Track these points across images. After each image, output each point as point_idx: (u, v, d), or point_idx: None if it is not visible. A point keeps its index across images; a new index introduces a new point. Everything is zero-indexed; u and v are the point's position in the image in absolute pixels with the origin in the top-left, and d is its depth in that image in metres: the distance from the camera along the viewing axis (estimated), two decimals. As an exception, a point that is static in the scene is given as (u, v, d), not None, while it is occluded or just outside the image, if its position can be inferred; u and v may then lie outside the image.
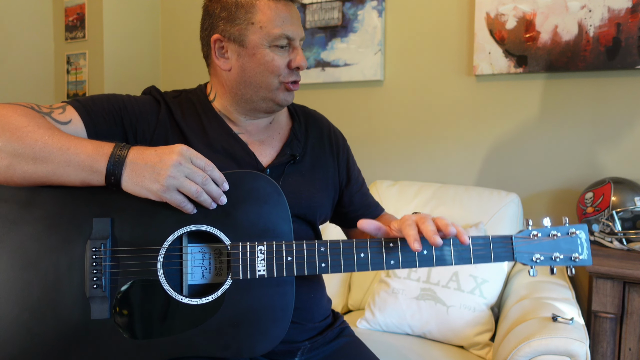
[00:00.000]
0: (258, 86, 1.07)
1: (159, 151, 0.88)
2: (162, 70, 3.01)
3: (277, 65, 1.05)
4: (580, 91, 1.96)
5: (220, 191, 0.91)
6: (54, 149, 0.86)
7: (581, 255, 0.96)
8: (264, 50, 1.05)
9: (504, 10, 2.03)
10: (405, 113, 2.30)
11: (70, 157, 0.86)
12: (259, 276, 0.92)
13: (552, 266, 0.97)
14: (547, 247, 0.96)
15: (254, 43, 1.04)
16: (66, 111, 0.96)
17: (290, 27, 1.05)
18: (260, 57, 1.05)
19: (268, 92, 1.08)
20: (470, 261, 0.94)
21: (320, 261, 0.94)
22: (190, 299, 0.91)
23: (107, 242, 0.89)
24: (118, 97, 1.05)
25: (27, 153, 0.85)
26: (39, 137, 0.86)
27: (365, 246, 0.95)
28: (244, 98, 1.09)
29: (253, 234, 0.94)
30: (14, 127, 0.86)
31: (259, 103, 1.10)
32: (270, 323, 0.93)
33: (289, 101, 1.11)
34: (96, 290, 0.89)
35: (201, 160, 0.90)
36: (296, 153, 1.12)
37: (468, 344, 1.61)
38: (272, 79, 1.06)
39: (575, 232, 0.96)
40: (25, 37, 2.80)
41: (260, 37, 1.04)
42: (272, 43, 1.04)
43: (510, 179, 2.10)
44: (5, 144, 0.85)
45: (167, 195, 0.86)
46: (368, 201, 1.28)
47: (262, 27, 1.04)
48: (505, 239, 0.96)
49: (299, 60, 1.06)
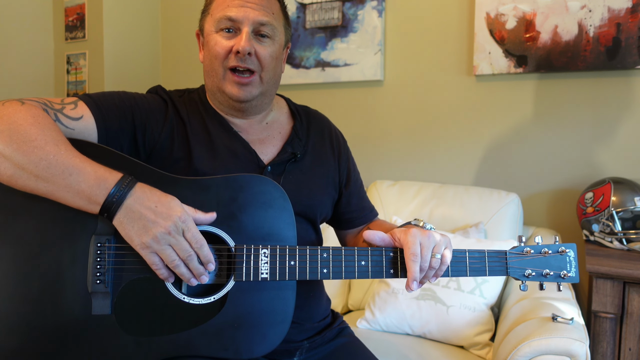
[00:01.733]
0: (211, 75, 1.08)
1: (158, 208, 0.86)
2: (162, 70, 3.01)
3: (218, 49, 1.04)
4: (580, 91, 1.96)
5: (203, 270, 0.90)
6: (57, 172, 0.84)
7: (569, 272, 1.01)
8: (212, 36, 1.06)
9: (504, 10, 2.03)
10: (405, 113, 2.30)
11: (71, 183, 0.84)
12: (261, 279, 0.93)
13: (541, 282, 1.02)
14: (539, 263, 1.01)
15: (207, 31, 1.07)
16: (78, 107, 0.96)
17: (234, 9, 1.03)
18: (209, 43, 1.07)
19: (218, 82, 1.07)
20: (466, 274, 0.99)
21: (322, 267, 0.95)
22: (193, 299, 0.91)
23: (112, 239, 0.90)
24: (129, 94, 1.06)
25: (30, 169, 0.84)
26: (44, 155, 0.84)
27: (366, 254, 0.97)
28: (210, 90, 1.11)
29: (257, 237, 0.94)
30: (23, 139, 0.84)
31: (218, 96, 1.09)
32: (269, 326, 0.94)
33: (241, 96, 1.05)
34: (99, 286, 0.89)
35: (193, 235, 0.88)
36: (297, 151, 1.13)
37: (468, 344, 1.61)
38: (217, 65, 1.05)
39: (565, 250, 1.01)
40: (25, 37, 2.80)
41: (210, 23, 1.07)
42: (218, 27, 1.05)
43: (510, 179, 2.10)
44: (13, 154, 0.84)
45: (144, 252, 0.86)
46: (364, 204, 1.28)
47: (211, 14, 1.06)
48: (500, 253, 1.01)
49: (239, 44, 1.02)
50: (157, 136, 1.04)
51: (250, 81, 1.05)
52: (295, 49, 2.47)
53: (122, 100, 1.03)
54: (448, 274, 0.99)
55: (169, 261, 0.87)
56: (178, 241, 0.86)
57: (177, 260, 0.87)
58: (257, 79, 1.06)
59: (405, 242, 0.95)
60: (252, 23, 1.03)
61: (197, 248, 0.88)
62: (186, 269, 0.88)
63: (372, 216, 1.29)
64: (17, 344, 0.87)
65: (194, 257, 0.88)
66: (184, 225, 0.87)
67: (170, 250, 0.86)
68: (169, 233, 0.85)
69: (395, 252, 0.98)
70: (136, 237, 0.86)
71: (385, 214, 2.01)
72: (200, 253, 0.89)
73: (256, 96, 1.08)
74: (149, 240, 0.85)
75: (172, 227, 0.85)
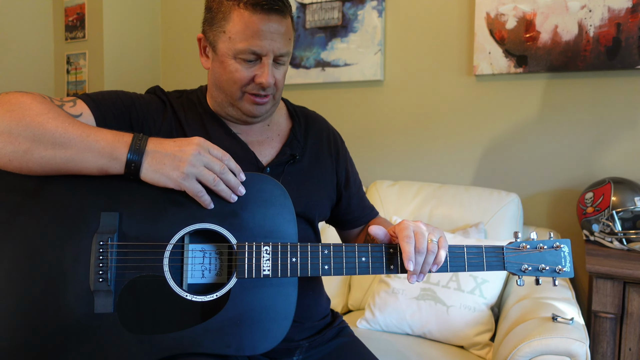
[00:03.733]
0: (225, 93, 1.07)
1: (177, 142, 0.90)
2: (162, 70, 3.01)
3: (239, 77, 1.03)
4: (580, 91, 1.96)
5: (238, 181, 0.93)
6: (75, 135, 0.86)
7: (564, 267, 1.03)
8: (229, 60, 1.03)
9: (504, 10, 2.03)
10: (405, 113, 2.30)
11: (90, 144, 0.87)
12: (263, 276, 0.94)
13: (537, 277, 1.04)
14: (535, 258, 1.03)
15: (222, 52, 1.03)
16: (77, 105, 0.97)
17: (259, 42, 1.00)
18: (226, 65, 1.04)
19: (233, 101, 1.07)
20: (465, 269, 1.01)
21: (324, 263, 0.96)
22: (195, 296, 0.91)
23: (114, 237, 0.90)
24: (127, 94, 1.07)
25: (47, 138, 0.85)
26: (60, 123, 0.87)
27: (366, 250, 0.98)
28: (217, 101, 1.10)
29: (259, 234, 0.95)
30: (34, 113, 0.87)
31: (229, 109, 1.10)
32: (272, 323, 0.94)
33: (256, 113, 1.08)
34: (101, 284, 0.89)
35: (218, 151, 0.92)
36: (296, 153, 1.13)
37: (468, 344, 1.61)
38: (235, 89, 1.05)
39: (560, 245, 1.04)
40: (25, 37, 2.80)
41: (227, 47, 1.02)
42: (237, 56, 1.02)
43: (510, 179, 2.10)
44: (25, 129, 0.85)
45: (186, 182, 0.88)
46: (364, 204, 1.29)
47: (230, 37, 1.01)
48: (497, 249, 1.02)
49: (262, 78, 1.02)
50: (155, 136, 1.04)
51: (267, 101, 1.08)
52: (295, 49, 2.47)
53: (120, 100, 1.04)
54: (447, 268, 1.00)
55: (209, 181, 0.89)
56: (209, 159, 0.90)
57: (216, 177, 0.90)
58: (271, 98, 1.09)
59: (399, 230, 0.97)
60: (274, 55, 1.03)
61: (227, 160, 0.92)
62: (224, 185, 0.91)
63: (372, 215, 1.30)
64: (20, 342, 0.87)
65: (226, 170, 0.91)
66: (207, 144, 0.91)
67: (206, 170, 0.89)
68: (199, 153, 0.88)
69: (395, 248, 0.99)
70: (172, 171, 0.87)
71: (385, 214, 2.01)
72: (230, 164, 0.93)
73: (268, 112, 1.11)
74: (186, 167, 0.87)
75: (199, 148, 0.89)
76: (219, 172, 0.90)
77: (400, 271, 0.98)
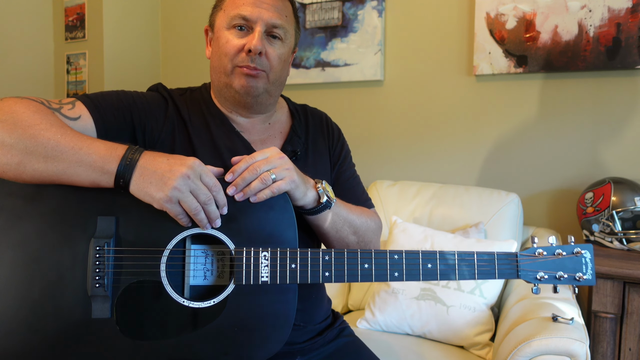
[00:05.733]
0: (219, 71, 1.07)
1: (171, 160, 0.87)
2: (162, 70, 3.01)
3: (229, 47, 1.03)
4: (580, 91, 1.96)
5: (218, 214, 0.90)
6: (66, 148, 0.85)
7: (585, 275, 0.96)
8: (223, 32, 1.05)
9: (504, 10, 2.03)
10: (405, 113, 2.30)
11: (82, 157, 0.85)
12: (262, 282, 0.92)
13: (555, 285, 0.98)
14: (552, 265, 0.96)
15: (218, 26, 1.07)
16: (75, 107, 0.96)
17: (249, 7, 1.02)
18: (220, 39, 1.06)
19: (225, 77, 1.06)
20: (475, 277, 0.95)
21: (324, 270, 0.93)
22: (192, 302, 0.91)
23: (111, 241, 0.89)
24: (127, 94, 1.06)
25: (39, 151, 0.84)
26: (52, 135, 0.85)
27: (369, 257, 0.94)
28: (216, 87, 1.11)
29: (258, 239, 0.93)
30: (26, 125, 0.85)
31: (224, 92, 1.09)
32: (271, 330, 0.93)
33: (248, 88, 1.05)
34: (98, 289, 0.88)
35: (210, 179, 0.88)
36: (297, 149, 1.13)
37: (468, 344, 1.61)
38: (226, 62, 1.05)
39: (581, 251, 0.96)
40: (25, 37, 2.80)
41: (222, 19, 1.06)
42: (230, 24, 1.04)
43: (510, 179, 2.10)
44: (18, 141, 0.84)
45: (168, 205, 0.86)
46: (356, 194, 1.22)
47: (224, 10, 1.06)
48: (510, 255, 0.96)
49: (251, 42, 1.01)
50: (157, 134, 1.04)
51: (258, 74, 1.05)
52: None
53: (121, 100, 1.03)
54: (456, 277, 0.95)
55: (190, 208, 0.86)
56: (198, 186, 0.86)
57: (198, 206, 0.87)
58: (264, 75, 1.06)
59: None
60: (265, 23, 1.03)
61: (216, 192, 0.88)
62: (204, 214, 0.88)
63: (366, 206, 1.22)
64: (18, 348, 0.87)
65: (212, 201, 0.88)
66: (201, 169, 0.87)
67: (191, 197, 0.86)
68: (188, 177, 0.85)
69: (400, 254, 0.95)
70: (156, 192, 0.85)
71: (385, 214, 2.01)
72: (218, 197, 0.89)
73: (261, 92, 1.07)
74: (170, 191, 0.84)
75: (190, 172, 0.85)
76: (203, 201, 0.87)
77: (406, 279, 0.95)
